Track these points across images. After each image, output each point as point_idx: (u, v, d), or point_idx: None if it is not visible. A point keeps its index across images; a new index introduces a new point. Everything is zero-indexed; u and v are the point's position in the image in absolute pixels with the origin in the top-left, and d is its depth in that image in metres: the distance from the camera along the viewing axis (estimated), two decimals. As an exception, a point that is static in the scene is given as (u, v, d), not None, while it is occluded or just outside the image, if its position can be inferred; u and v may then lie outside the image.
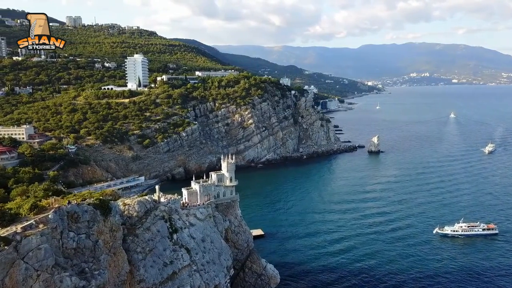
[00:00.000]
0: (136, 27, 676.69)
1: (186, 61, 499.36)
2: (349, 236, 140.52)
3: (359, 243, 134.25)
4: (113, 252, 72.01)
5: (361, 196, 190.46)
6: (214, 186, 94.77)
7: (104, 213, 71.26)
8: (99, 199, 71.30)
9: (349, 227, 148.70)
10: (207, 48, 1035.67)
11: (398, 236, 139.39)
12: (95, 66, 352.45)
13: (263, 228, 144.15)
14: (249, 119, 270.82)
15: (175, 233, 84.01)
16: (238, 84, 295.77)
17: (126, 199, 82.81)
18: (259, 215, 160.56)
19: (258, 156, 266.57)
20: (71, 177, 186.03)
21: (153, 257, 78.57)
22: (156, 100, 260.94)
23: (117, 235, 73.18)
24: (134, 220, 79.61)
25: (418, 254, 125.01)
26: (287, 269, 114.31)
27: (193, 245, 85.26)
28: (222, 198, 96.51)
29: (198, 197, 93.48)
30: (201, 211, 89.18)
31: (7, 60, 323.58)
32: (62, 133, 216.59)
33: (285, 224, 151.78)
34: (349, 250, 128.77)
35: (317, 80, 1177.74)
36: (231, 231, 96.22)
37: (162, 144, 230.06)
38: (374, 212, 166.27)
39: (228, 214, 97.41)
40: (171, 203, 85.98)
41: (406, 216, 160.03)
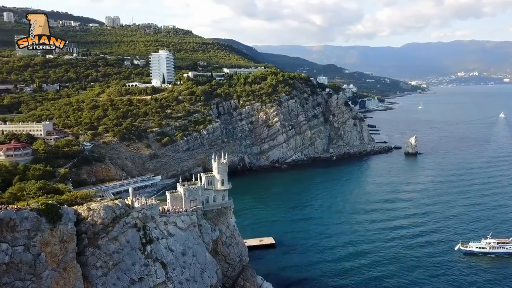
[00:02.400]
0: (172, 26, 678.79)
1: (218, 59, 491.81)
2: (368, 250, 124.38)
3: (377, 258, 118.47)
4: (63, 268, 60.59)
5: (389, 204, 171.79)
6: (202, 189, 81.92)
7: (52, 220, 60.07)
8: (46, 204, 60.07)
9: (370, 239, 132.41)
10: (246, 48, 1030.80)
11: (420, 252, 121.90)
12: (124, 63, 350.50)
13: (275, 237, 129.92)
14: (274, 117, 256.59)
15: (149, 244, 71.84)
16: (265, 81, 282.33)
17: (92, 203, 71.49)
18: (273, 221, 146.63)
19: (283, 156, 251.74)
20: (83, 175, 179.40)
21: (117, 272, 66.67)
22: (178, 97, 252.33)
23: (69, 246, 61.74)
24: (98, 229, 68.03)
25: (440, 274, 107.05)
26: (293, 285, 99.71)
27: (171, 259, 72.74)
28: (211, 204, 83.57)
29: (183, 202, 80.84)
30: (183, 219, 76.60)
31: (39, 58, 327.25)
32: (80, 130, 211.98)
33: (301, 233, 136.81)
34: (365, 266, 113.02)
35: (358, 79, 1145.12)
36: (222, 242, 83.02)
37: (182, 142, 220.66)
38: (399, 222, 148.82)
39: (219, 222, 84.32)
40: (146, 208, 73.84)
41: (432, 228, 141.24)
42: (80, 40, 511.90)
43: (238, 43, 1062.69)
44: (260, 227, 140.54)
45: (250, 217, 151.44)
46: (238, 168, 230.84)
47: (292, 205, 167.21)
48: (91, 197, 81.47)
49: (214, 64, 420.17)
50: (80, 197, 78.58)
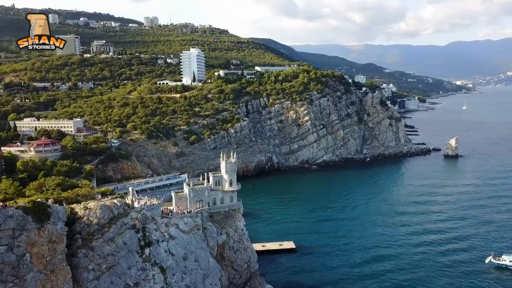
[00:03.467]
0: (208, 26, 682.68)
1: (252, 58, 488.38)
2: (394, 255, 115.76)
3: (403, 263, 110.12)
4: (51, 270, 57.19)
5: (421, 207, 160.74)
6: (208, 190, 76.87)
7: (40, 219, 56.85)
8: (33, 202, 56.91)
9: (397, 244, 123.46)
10: (283, 47, 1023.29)
11: (448, 260, 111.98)
12: (157, 62, 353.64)
13: (296, 241, 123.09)
14: (305, 115, 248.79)
15: (147, 247, 67.72)
16: (296, 79, 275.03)
17: (90, 202, 68.16)
18: (295, 225, 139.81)
19: (314, 157, 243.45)
20: (109, 172, 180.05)
21: (111, 276, 62.86)
22: (207, 95, 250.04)
23: (58, 247, 58.33)
24: (93, 229, 64.53)
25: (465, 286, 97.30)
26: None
27: (171, 263, 68.30)
28: (218, 205, 78.40)
29: (188, 203, 76.21)
30: (185, 221, 71.91)
31: (76, 57, 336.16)
32: (109, 127, 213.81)
33: (325, 237, 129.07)
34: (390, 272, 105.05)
35: (398, 78, 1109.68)
36: (229, 247, 77.69)
37: (209, 141, 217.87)
38: (430, 226, 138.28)
39: (226, 226, 79.02)
40: (147, 209, 69.72)
41: (465, 236, 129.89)
42: (119, 40, 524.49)
43: (276, 43, 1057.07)
44: (281, 230, 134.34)
45: (271, 219, 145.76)
46: (266, 168, 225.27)
47: (319, 208, 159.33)
48: (93, 195, 78.47)
49: (248, 63, 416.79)
50: (82, 195, 75.83)
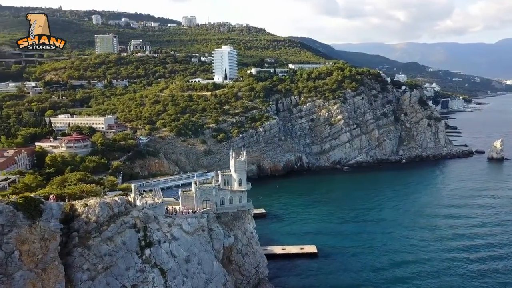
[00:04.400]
0: (245, 25, 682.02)
1: (288, 56, 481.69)
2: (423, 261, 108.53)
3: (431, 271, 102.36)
4: (42, 268, 54.97)
5: (457, 211, 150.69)
6: (215, 189, 72.79)
7: (30, 215, 54.83)
8: (24, 197, 54.90)
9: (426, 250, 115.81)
10: (322, 46, 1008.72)
11: (483, 268, 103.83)
12: (191, 60, 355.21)
13: (318, 245, 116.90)
14: (337, 114, 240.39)
15: (148, 247, 64.56)
16: (330, 76, 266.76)
17: (91, 199, 65.82)
18: (319, 228, 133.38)
19: (346, 157, 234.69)
20: (136, 169, 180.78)
21: (107, 277, 60.06)
22: (238, 93, 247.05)
23: (51, 245, 56.05)
24: (91, 227, 62.03)
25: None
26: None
27: (172, 266, 64.80)
28: (227, 206, 74.16)
29: (194, 203, 72.54)
30: (189, 221, 68.18)
31: (113, 56, 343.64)
32: (139, 124, 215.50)
33: (350, 241, 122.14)
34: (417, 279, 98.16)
35: (443, 78, 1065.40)
36: (237, 250, 73.32)
37: (237, 139, 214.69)
38: (465, 231, 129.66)
39: (235, 228, 74.69)
40: (149, 207, 66.59)
41: (503, 242, 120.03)
42: (157, 40, 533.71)
43: (315, 42, 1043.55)
44: (303, 233, 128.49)
45: (295, 221, 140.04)
46: (295, 168, 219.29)
47: (347, 211, 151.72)
48: (98, 192, 76.41)
49: (282, 61, 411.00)
50: (87, 191, 73.99)
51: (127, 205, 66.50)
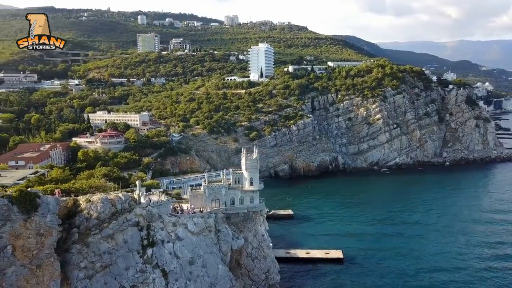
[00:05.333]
0: (287, 23, 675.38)
1: (329, 54, 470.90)
2: (459, 270, 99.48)
3: (468, 283, 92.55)
4: (37, 265, 53.47)
5: (502, 217, 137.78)
6: (225, 188, 68.91)
7: (26, 210, 53.44)
8: (20, 191, 53.55)
9: (464, 259, 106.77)
10: (367, 45, 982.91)
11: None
12: (229, 59, 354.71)
13: (345, 250, 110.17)
14: (376, 113, 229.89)
15: (150, 247, 61.86)
16: (369, 74, 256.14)
17: (95, 195, 63.97)
18: (348, 232, 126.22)
19: (384, 159, 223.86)
20: (167, 166, 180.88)
21: (105, 277, 57.90)
22: (272, 91, 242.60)
23: (46, 241, 54.48)
24: (92, 224, 60.12)
25: None
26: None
27: (175, 267, 61.68)
28: (237, 206, 70.08)
29: (203, 201, 69.09)
30: (195, 221, 64.78)
31: (153, 54, 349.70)
32: (173, 121, 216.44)
33: (380, 248, 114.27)
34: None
35: (497, 77, 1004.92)
36: (247, 253, 69.03)
37: (269, 138, 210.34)
38: (505, 240, 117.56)
39: (245, 229, 70.47)
40: (153, 205, 63.84)
41: None
42: (198, 39, 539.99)
43: (360, 40, 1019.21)
44: (331, 237, 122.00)
45: (323, 224, 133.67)
46: (330, 169, 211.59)
47: (380, 215, 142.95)
48: (104, 187, 74.72)
49: (322, 59, 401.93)
50: (95, 187, 72.55)
51: (131, 202, 64.20)
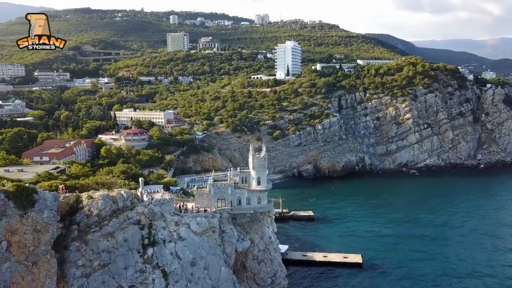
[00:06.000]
0: (318, 21, 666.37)
1: (360, 52, 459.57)
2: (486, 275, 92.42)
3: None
4: (33, 261, 52.67)
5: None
6: (231, 187, 66.24)
7: (22, 205, 52.63)
8: (17, 186, 52.76)
9: (493, 270, 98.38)
10: (401, 43, 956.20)
11: None
12: (257, 57, 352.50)
13: (365, 255, 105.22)
14: (406, 113, 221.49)
15: (151, 246, 60.11)
16: (400, 72, 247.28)
17: (99, 191, 62.75)
18: (370, 236, 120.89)
19: (414, 160, 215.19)
20: (189, 163, 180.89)
21: (103, 275, 56.50)
22: (298, 89, 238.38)
23: (43, 238, 53.53)
24: (92, 221, 58.90)
25: None
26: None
27: (175, 268, 59.68)
28: (243, 206, 67.18)
29: (209, 200, 66.73)
30: (198, 221, 62.47)
31: (182, 53, 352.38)
32: (197, 120, 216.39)
33: (402, 254, 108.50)
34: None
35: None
36: (253, 256, 66.08)
37: (293, 137, 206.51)
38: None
39: (252, 231, 67.55)
40: (155, 204, 62.04)
41: None
42: (228, 38, 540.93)
43: (394, 38, 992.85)
44: (352, 240, 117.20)
45: (344, 227, 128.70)
46: (356, 169, 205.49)
47: (405, 220, 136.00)
48: (110, 184, 73.60)
49: (353, 57, 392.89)
50: (101, 183, 71.57)
51: (133, 200, 62.67)
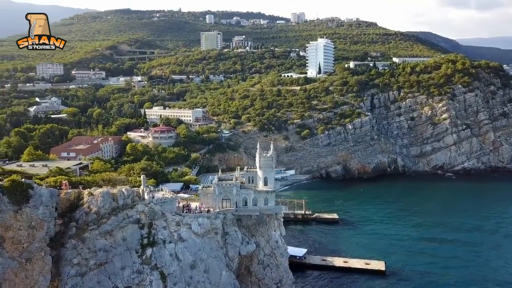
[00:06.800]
0: (356, 19, 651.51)
1: (398, 50, 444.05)
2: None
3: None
4: (26, 258, 51.75)
5: None
6: (236, 187, 62.97)
7: (17, 201, 51.76)
8: (12, 181, 51.90)
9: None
10: (445, 41, 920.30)
11: None
12: (290, 55, 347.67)
13: (388, 262, 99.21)
14: (443, 113, 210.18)
15: (150, 246, 57.99)
16: (438, 70, 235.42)
17: (97, 189, 61.28)
18: (396, 241, 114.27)
19: (451, 162, 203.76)
20: (215, 162, 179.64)
21: (99, 275, 54.89)
22: (329, 87, 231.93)
23: (38, 234, 52.53)
24: (91, 218, 57.51)
25: None
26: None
27: (174, 270, 57.26)
28: (249, 208, 63.67)
29: (213, 200, 63.87)
30: (200, 222, 59.70)
31: (214, 52, 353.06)
32: (225, 118, 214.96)
33: (429, 262, 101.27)
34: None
35: None
36: (258, 260, 62.51)
37: (322, 136, 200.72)
38: None
39: (258, 234, 63.97)
40: (157, 202, 59.89)
41: None
42: (263, 36, 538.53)
43: (436, 36, 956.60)
44: (376, 246, 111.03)
45: (369, 231, 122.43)
46: (388, 171, 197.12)
47: (438, 226, 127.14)
48: (115, 181, 72.14)
49: (390, 55, 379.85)
50: (106, 180, 70.31)
51: (134, 198, 60.80)
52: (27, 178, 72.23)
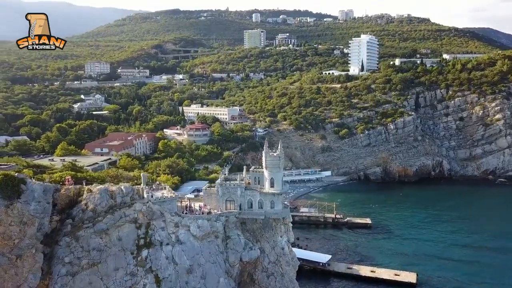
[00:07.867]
0: (407, 15, 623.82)
1: (451, 47, 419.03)
2: None
3: None
4: (17, 255, 50.49)
5: None
6: (241, 188, 58.59)
7: (8, 196, 50.59)
8: (4, 175, 50.75)
9: None
10: (506, 37, 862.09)
11: None
12: (333, 52, 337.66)
13: (420, 273, 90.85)
14: (496, 113, 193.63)
15: (146, 248, 55.17)
16: (492, 67, 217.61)
17: (97, 186, 59.27)
18: (431, 251, 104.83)
19: (503, 167, 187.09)
20: (247, 160, 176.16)
21: (91, 275, 52.81)
22: (371, 85, 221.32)
23: (29, 231, 51.15)
24: (87, 216, 55.60)
25: None
26: None
27: (170, 274, 54.12)
28: (255, 211, 59.05)
29: (217, 201, 60.00)
30: (199, 224, 56.02)
31: (256, 50, 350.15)
32: (260, 116, 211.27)
33: (466, 275, 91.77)
34: None
35: None
36: (262, 267, 57.79)
37: (362, 136, 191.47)
38: None
39: (263, 239, 59.14)
40: (156, 201, 57.00)
41: None
42: (309, 34, 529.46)
43: (497, 32, 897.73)
44: (409, 255, 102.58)
45: (403, 239, 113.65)
46: (432, 175, 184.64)
47: (481, 237, 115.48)
48: (121, 178, 70.01)
49: (441, 52, 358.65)
50: (113, 176, 68.42)
51: (134, 196, 58.25)
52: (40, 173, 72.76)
